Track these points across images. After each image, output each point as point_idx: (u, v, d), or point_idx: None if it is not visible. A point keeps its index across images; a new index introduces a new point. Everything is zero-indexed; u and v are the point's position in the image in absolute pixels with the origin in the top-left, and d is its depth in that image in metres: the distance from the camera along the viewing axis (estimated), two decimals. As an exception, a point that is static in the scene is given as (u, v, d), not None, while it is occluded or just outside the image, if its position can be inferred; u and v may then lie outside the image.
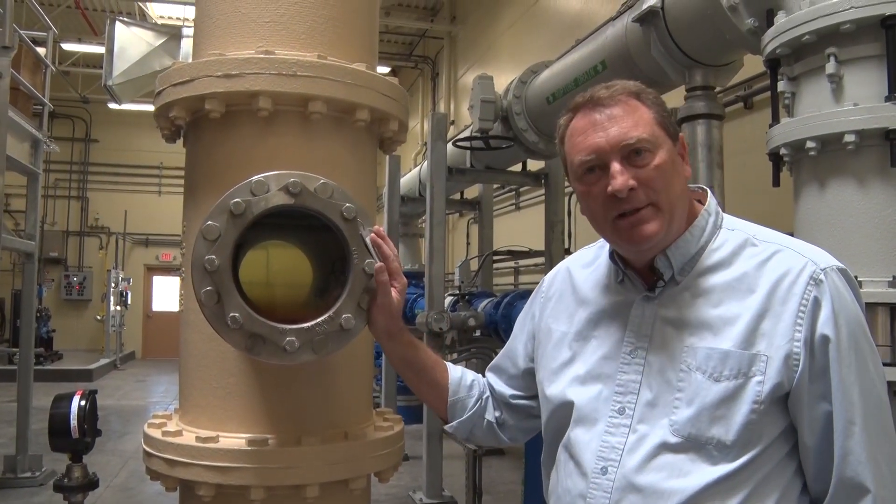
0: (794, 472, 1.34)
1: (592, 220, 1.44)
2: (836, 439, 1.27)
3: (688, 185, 1.45)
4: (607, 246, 1.53)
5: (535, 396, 1.67)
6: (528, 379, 1.71)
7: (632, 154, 1.34)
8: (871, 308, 2.35)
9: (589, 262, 1.62)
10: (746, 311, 1.32)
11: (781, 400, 1.30)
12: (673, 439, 1.31)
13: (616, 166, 1.34)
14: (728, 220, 1.47)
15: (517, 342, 1.76)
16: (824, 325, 1.28)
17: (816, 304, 1.29)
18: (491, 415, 1.76)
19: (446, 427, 1.79)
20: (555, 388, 1.53)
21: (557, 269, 1.73)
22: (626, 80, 1.45)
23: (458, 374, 1.78)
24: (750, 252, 1.38)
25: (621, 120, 1.36)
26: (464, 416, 1.75)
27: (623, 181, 1.32)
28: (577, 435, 1.44)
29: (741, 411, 1.28)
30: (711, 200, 1.47)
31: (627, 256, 1.46)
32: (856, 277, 2.36)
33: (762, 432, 1.29)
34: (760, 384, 1.28)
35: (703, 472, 1.29)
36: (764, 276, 1.34)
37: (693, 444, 1.30)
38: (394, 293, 1.68)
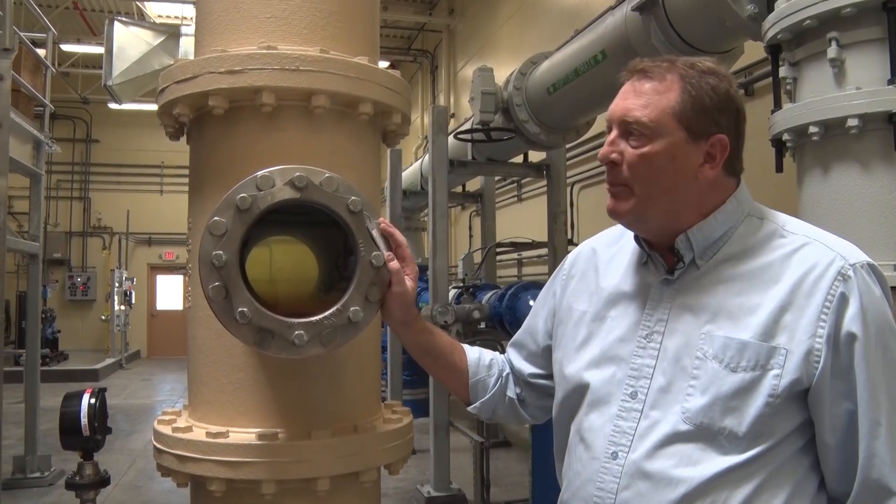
0: (809, 467, 1.31)
1: None
2: (862, 440, 1.24)
3: (707, 186, 1.37)
4: None
5: (552, 375, 1.65)
6: (547, 357, 1.70)
7: (630, 132, 1.35)
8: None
9: (614, 240, 1.61)
10: (769, 302, 1.29)
11: (799, 396, 1.27)
12: (684, 427, 1.30)
13: (610, 136, 1.38)
14: (759, 209, 1.43)
15: (538, 319, 1.75)
16: (851, 322, 1.24)
17: (843, 300, 1.25)
18: (512, 391, 1.76)
19: (470, 408, 1.79)
20: (572, 367, 1.52)
21: (581, 247, 1.71)
22: (691, 58, 1.41)
23: (475, 354, 1.78)
24: (777, 242, 1.35)
25: (640, 95, 1.36)
26: (486, 396, 1.75)
27: (605, 151, 1.37)
28: (590, 418, 1.43)
29: (755, 404, 1.26)
30: (742, 188, 1.42)
31: (645, 235, 1.45)
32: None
33: (775, 426, 1.27)
34: (777, 378, 1.25)
35: (713, 462, 1.27)
36: (790, 267, 1.31)
37: (704, 433, 1.28)
38: (407, 281, 1.67)
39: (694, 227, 1.37)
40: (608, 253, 1.60)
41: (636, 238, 1.48)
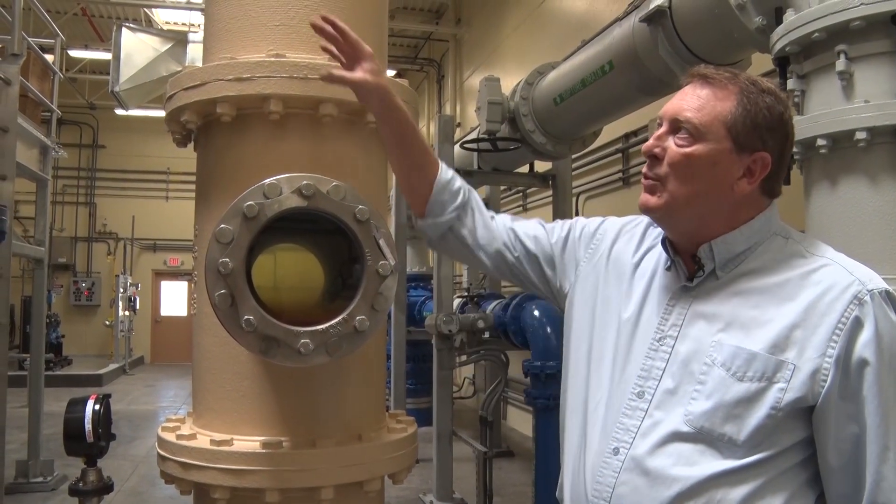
0: (806, 481, 1.33)
1: None
2: (870, 464, 1.26)
3: (741, 200, 1.39)
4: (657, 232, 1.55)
5: (519, 263, 1.68)
6: (531, 261, 1.69)
7: (679, 130, 1.37)
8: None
9: (638, 237, 1.60)
10: (782, 318, 1.31)
11: (802, 412, 1.29)
12: (685, 429, 1.33)
13: (658, 131, 1.39)
14: (786, 228, 1.45)
15: (562, 249, 1.69)
16: (864, 348, 1.26)
17: (857, 323, 1.27)
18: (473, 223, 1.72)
19: (420, 224, 1.75)
20: (584, 361, 1.54)
21: (611, 227, 1.68)
22: (750, 75, 1.44)
23: (448, 175, 1.72)
24: (798, 262, 1.37)
25: (696, 99, 1.38)
26: (440, 219, 1.70)
27: (651, 144, 1.39)
28: (596, 412, 1.46)
29: (757, 414, 1.28)
30: (773, 208, 1.44)
31: (671, 235, 1.46)
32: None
33: (775, 439, 1.29)
34: (782, 391, 1.28)
35: (710, 464, 1.30)
36: (807, 287, 1.32)
37: (704, 436, 1.31)
38: (359, 73, 1.61)
39: (718, 239, 1.39)
40: (638, 250, 1.58)
41: (663, 242, 1.50)
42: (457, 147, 6.63)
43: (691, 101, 1.38)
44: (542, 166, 6.86)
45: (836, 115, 2.52)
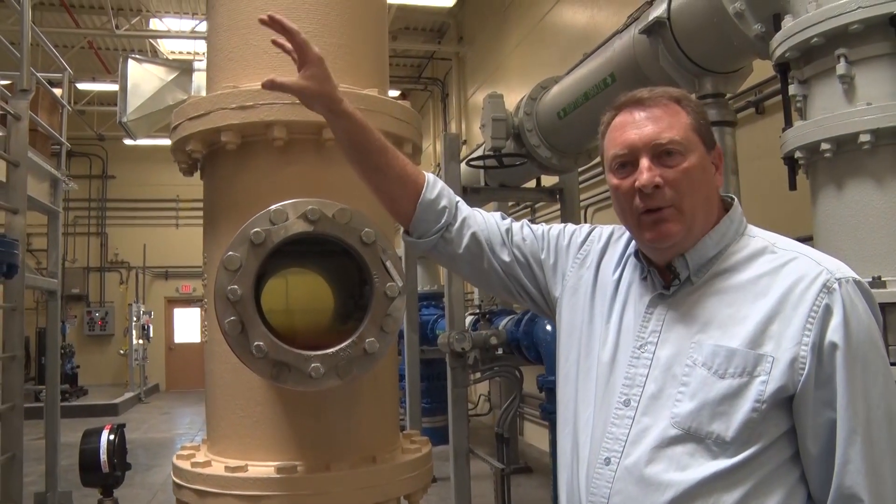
0: (799, 478, 1.35)
1: (619, 214, 1.50)
2: (838, 447, 1.29)
3: (716, 193, 1.47)
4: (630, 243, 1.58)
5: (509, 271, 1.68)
6: (516, 267, 1.69)
7: (662, 154, 1.40)
8: (894, 308, 2.33)
9: (620, 252, 1.62)
10: (757, 313, 1.35)
11: (785, 402, 1.32)
12: (673, 431, 1.35)
13: (645, 163, 1.39)
14: (751, 228, 1.50)
15: (550, 250, 1.70)
16: (834, 333, 1.30)
17: (828, 311, 1.31)
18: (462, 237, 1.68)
19: (407, 240, 1.70)
20: (572, 375, 1.56)
21: (601, 235, 1.70)
22: (669, 87, 1.50)
23: (433, 194, 1.67)
24: (768, 258, 1.41)
25: (658, 120, 1.41)
26: (427, 239, 1.67)
27: (649, 177, 1.38)
28: (587, 424, 1.48)
29: (742, 409, 1.31)
30: (737, 208, 1.50)
31: (647, 254, 1.49)
32: (880, 278, 2.36)
33: (762, 432, 1.31)
34: (764, 384, 1.31)
35: (703, 467, 1.31)
36: (778, 280, 1.37)
37: (693, 437, 1.33)
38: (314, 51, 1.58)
39: (691, 249, 1.43)
40: (619, 264, 1.61)
41: (636, 254, 1.54)
42: (463, 165, 6.65)
43: (656, 124, 1.41)
44: (549, 180, 6.87)
45: (839, 118, 2.53)
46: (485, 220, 1.72)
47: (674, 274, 1.45)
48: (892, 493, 1.28)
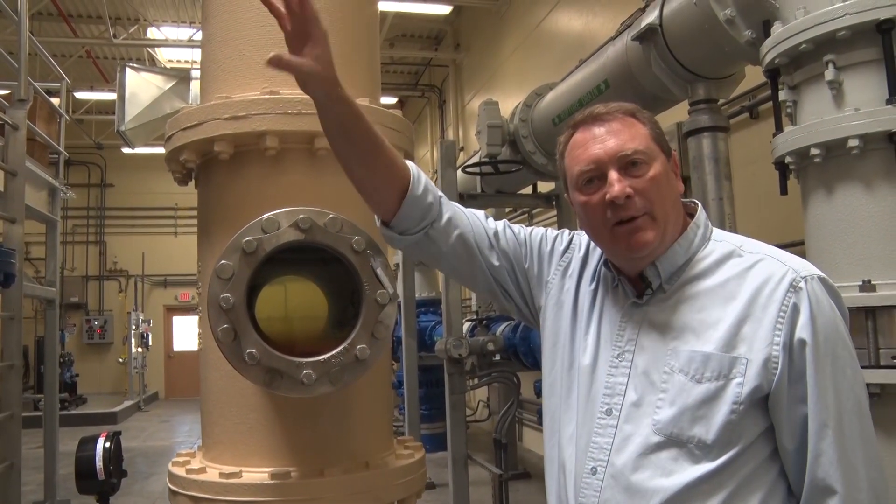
0: (779, 473, 1.38)
1: (590, 230, 1.51)
2: (810, 441, 1.32)
3: (679, 199, 1.50)
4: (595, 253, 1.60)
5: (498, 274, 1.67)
6: (504, 272, 1.68)
7: (628, 165, 1.42)
8: (884, 311, 2.35)
9: (596, 261, 1.62)
10: (728, 316, 1.37)
11: (761, 402, 1.35)
12: (656, 438, 1.37)
13: (614, 174, 1.41)
14: (717, 232, 1.53)
15: (533, 258, 1.70)
16: (802, 330, 1.33)
17: (795, 309, 1.34)
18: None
19: (386, 235, 1.65)
20: (555, 387, 1.58)
21: (580, 243, 1.70)
22: (622, 102, 1.53)
23: (419, 191, 1.62)
24: (735, 262, 1.44)
25: (619, 133, 1.44)
26: (407, 236, 1.63)
27: (621, 188, 1.40)
28: (572, 435, 1.50)
29: (721, 412, 1.33)
30: (701, 214, 1.53)
31: (621, 265, 1.51)
32: (869, 281, 2.38)
33: (742, 432, 1.34)
34: (740, 386, 1.33)
35: (686, 472, 1.34)
36: (746, 283, 1.39)
37: (675, 442, 1.35)
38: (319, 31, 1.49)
39: (661, 257, 1.45)
40: (592, 274, 1.62)
41: (605, 263, 1.56)
42: (460, 172, 6.67)
43: (618, 136, 1.43)
44: (545, 186, 6.90)
45: (828, 123, 2.55)
46: (470, 222, 1.69)
47: (646, 283, 1.47)
48: (865, 483, 1.31)
